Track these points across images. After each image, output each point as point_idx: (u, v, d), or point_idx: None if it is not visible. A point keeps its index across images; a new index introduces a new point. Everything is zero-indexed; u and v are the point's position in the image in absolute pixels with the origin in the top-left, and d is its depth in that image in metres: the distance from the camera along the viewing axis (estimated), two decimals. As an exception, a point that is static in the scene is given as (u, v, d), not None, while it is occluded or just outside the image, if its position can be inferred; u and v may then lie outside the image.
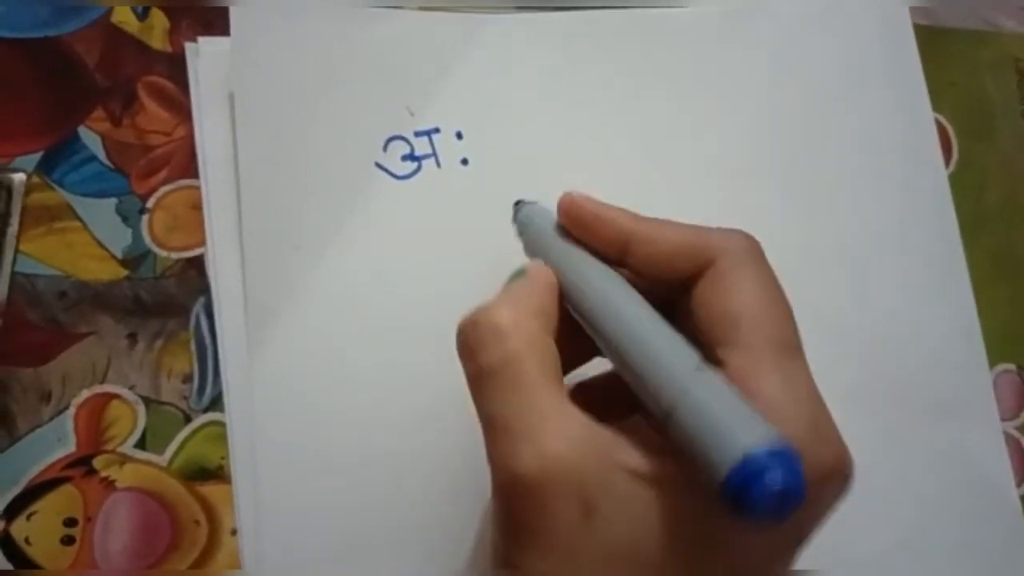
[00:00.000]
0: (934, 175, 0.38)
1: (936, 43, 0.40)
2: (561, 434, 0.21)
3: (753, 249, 0.25)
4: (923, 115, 0.39)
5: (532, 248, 0.28)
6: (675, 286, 0.25)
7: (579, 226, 0.26)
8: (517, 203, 0.30)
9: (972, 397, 0.36)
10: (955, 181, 0.39)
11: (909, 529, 0.34)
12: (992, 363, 0.37)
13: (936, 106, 0.39)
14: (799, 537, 0.23)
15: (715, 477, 0.20)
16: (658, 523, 0.21)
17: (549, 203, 0.31)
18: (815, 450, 0.21)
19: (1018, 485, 0.36)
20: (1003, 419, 0.37)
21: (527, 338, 0.23)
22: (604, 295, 0.24)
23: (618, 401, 0.24)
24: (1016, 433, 0.37)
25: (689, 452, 0.21)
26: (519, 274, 0.26)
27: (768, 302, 0.24)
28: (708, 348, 0.23)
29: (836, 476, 0.22)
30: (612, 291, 0.25)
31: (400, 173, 0.34)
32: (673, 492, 0.21)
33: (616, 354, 0.23)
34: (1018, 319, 0.38)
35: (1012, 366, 0.38)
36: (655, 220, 0.26)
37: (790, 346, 0.23)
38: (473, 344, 0.23)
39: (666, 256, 0.25)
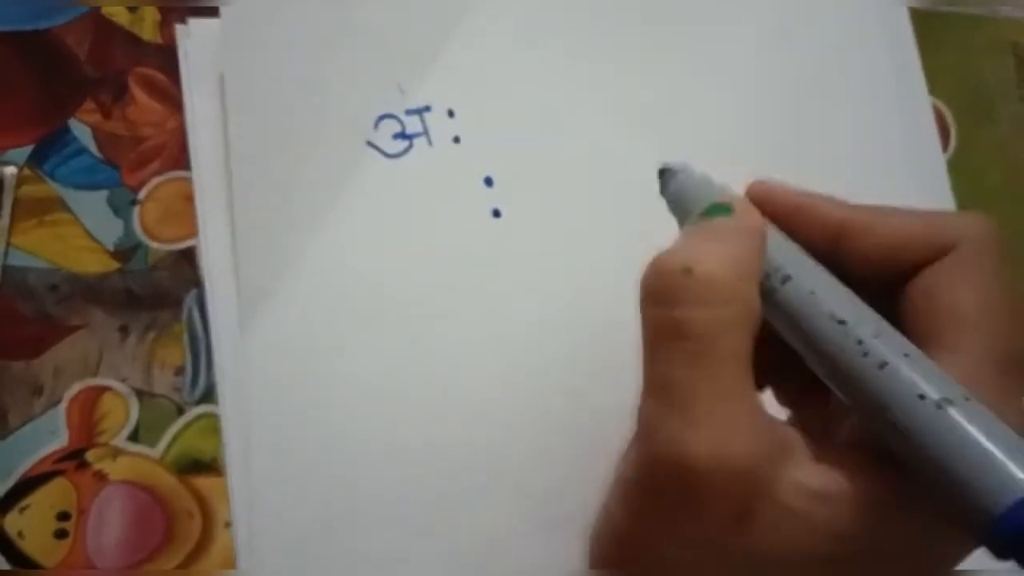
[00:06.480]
0: (932, 159, 0.38)
1: (932, 27, 0.40)
2: (742, 429, 0.19)
3: (996, 239, 0.21)
4: (920, 99, 0.38)
5: None
6: (891, 280, 0.22)
7: (777, 221, 0.23)
8: (662, 172, 0.25)
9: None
10: (954, 165, 0.38)
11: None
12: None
13: (933, 90, 0.39)
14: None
15: (980, 512, 0.18)
16: (813, 541, 0.19)
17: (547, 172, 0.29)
18: None
19: None
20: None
21: (742, 306, 0.20)
22: (824, 303, 0.21)
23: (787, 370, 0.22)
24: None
25: (937, 483, 0.18)
26: (722, 209, 0.22)
27: (1000, 305, 0.20)
28: (917, 342, 0.20)
29: None
30: (836, 297, 0.21)
31: (391, 151, 0.33)
32: (835, 512, 0.19)
33: (842, 374, 0.20)
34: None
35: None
36: (870, 207, 0.22)
37: (1016, 363, 0.20)
38: (674, 293, 0.20)
39: (891, 246, 0.22)
